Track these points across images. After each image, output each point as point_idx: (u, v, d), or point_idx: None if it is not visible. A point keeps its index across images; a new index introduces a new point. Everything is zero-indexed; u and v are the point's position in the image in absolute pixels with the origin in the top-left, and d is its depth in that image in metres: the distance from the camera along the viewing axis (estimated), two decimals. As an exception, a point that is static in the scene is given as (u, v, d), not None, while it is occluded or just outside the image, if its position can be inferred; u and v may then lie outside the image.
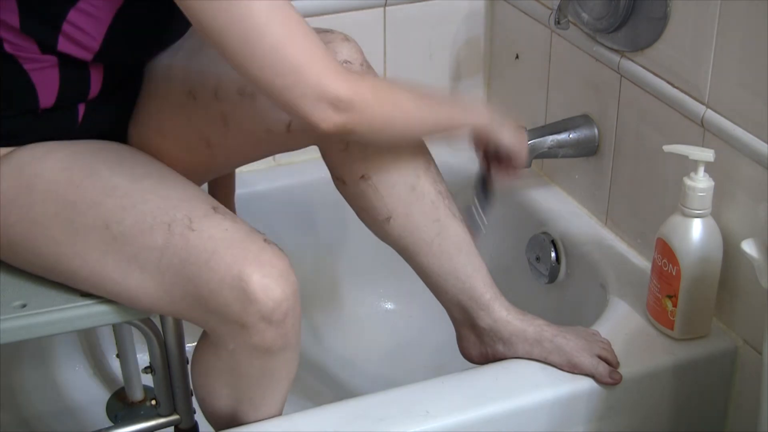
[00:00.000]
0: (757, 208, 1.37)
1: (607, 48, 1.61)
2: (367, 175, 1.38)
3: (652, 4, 1.50)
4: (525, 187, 1.83)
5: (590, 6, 1.60)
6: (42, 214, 1.27)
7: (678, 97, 1.48)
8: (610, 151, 1.67)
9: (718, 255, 1.42)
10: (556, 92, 1.79)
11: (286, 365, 1.30)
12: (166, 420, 1.44)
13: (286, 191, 1.88)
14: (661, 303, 1.45)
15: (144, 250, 1.24)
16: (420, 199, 1.40)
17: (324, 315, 1.94)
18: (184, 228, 1.24)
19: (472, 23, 1.93)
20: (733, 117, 1.39)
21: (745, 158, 1.38)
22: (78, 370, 1.83)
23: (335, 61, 1.20)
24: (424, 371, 1.79)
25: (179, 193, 1.28)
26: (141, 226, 1.24)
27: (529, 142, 1.69)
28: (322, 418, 1.34)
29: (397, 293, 1.97)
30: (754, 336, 1.43)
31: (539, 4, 1.77)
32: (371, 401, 1.37)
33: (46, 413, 1.77)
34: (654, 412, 1.46)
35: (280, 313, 1.23)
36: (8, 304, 1.29)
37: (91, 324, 1.35)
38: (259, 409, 1.33)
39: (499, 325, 1.42)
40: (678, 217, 1.41)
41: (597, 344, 1.42)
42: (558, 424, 1.40)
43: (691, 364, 1.45)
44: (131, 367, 1.66)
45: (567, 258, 1.71)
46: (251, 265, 1.21)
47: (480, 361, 1.46)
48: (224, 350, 1.27)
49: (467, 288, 1.42)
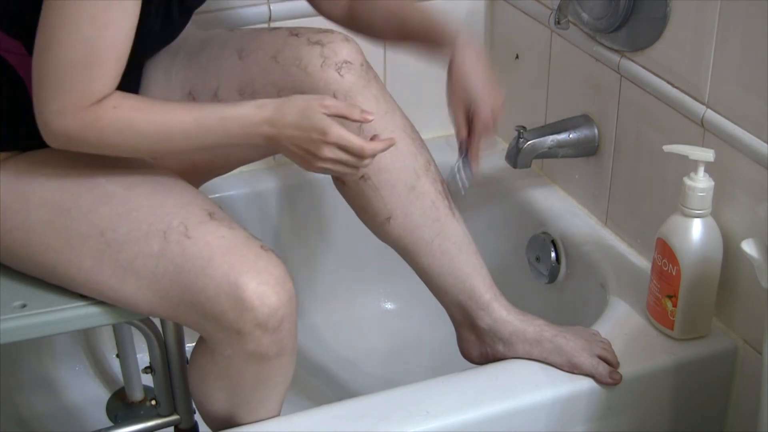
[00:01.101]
0: (757, 208, 1.37)
1: (607, 48, 1.61)
2: (367, 175, 1.38)
3: (652, 4, 1.50)
4: (525, 187, 1.83)
5: (590, 6, 1.60)
6: (37, 221, 1.27)
7: (678, 97, 1.48)
8: (610, 151, 1.67)
9: (718, 255, 1.42)
10: (556, 92, 1.79)
11: (282, 370, 1.30)
12: (166, 420, 1.44)
13: (286, 191, 1.88)
14: (661, 303, 1.45)
15: (139, 258, 1.24)
16: (420, 198, 1.40)
17: (324, 315, 1.94)
18: (180, 235, 1.24)
19: (472, 23, 1.92)
20: (733, 117, 1.39)
21: (745, 158, 1.38)
22: (78, 370, 1.83)
23: (93, 98, 1.18)
24: (424, 371, 1.79)
25: (175, 199, 1.28)
26: (136, 234, 1.25)
27: (528, 142, 1.69)
28: (322, 418, 1.34)
29: (397, 293, 1.97)
30: (754, 336, 1.42)
31: (539, 4, 1.77)
32: (371, 401, 1.37)
33: (46, 413, 1.77)
34: (654, 412, 1.46)
35: (275, 320, 1.23)
36: (8, 304, 1.29)
37: (91, 324, 1.35)
38: (256, 412, 1.33)
39: (499, 325, 1.42)
40: (678, 217, 1.41)
41: (597, 344, 1.42)
42: (558, 424, 1.40)
43: (691, 364, 1.45)
44: (131, 367, 1.66)
45: (567, 258, 1.71)
46: (248, 272, 1.22)
47: (480, 362, 1.46)
48: (220, 356, 1.28)
49: (467, 288, 1.42)
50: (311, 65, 1.34)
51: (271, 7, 1.78)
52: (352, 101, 1.35)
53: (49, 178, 1.29)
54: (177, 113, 1.22)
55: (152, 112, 1.21)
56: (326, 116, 1.21)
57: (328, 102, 1.22)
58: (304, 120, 1.21)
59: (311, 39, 1.36)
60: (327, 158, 1.22)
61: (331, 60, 1.34)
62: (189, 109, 1.23)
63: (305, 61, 1.34)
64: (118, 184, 1.29)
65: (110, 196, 1.27)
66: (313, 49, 1.35)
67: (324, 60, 1.34)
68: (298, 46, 1.36)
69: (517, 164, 1.70)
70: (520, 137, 1.69)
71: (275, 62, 1.36)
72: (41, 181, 1.29)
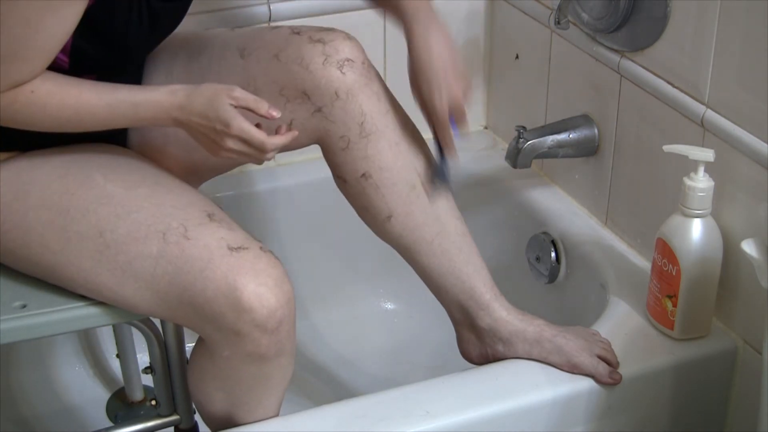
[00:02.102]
0: (757, 208, 1.37)
1: (607, 48, 1.61)
2: (368, 173, 1.38)
3: (652, 4, 1.50)
4: (525, 187, 1.83)
5: (590, 6, 1.60)
6: (36, 222, 1.27)
7: (678, 97, 1.48)
8: (610, 151, 1.67)
9: (718, 255, 1.42)
10: (556, 92, 1.79)
11: (280, 371, 1.30)
12: (166, 420, 1.44)
13: (286, 191, 1.88)
14: (661, 303, 1.45)
15: (138, 259, 1.25)
16: (421, 197, 1.40)
17: (324, 315, 1.94)
18: (179, 236, 1.24)
19: (472, 23, 1.93)
20: (733, 117, 1.39)
21: (745, 158, 1.38)
22: (78, 370, 1.83)
23: (14, 85, 1.20)
24: (424, 371, 1.79)
25: (174, 200, 1.28)
26: (135, 235, 1.25)
27: (528, 142, 1.69)
28: (321, 418, 1.34)
29: (397, 293, 1.97)
30: (754, 336, 1.42)
31: (539, 4, 1.77)
32: (371, 401, 1.37)
33: (46, 413, 1.77)
34: (654, 412, 1.46)
35: (274, 321, 1.23)
36: (8, 304, 1.29)
37: (91, 324, 1.35)
38: (255, 413, 1.33)
39: (499, 325, 1.42)
40: (678, 217, 1.41)
41: (597, 344, 1.42)
42: (558, 424, 1.40)
43: (691, 364, 1.45)
44: (131, 367, 1.66)
45: (567, 258, 1.71)
46: (246, 274, 1.22)
47: (480, 362, 1.46)
48: (219, 356, 1.28)
49: (467, 288, 1.42)
50: (313, 63, 1.34)
51: (271, 7, 1.78)
52: (353, 99, 1.35)
53: (48, 178, 1.29)
54: (90, 98, 1.25)
55: (67, 96, 1.24)
56: (232, 107, 1.23)
57: (237, 93, 1.23)
58: (210, 110, 1.23)
59: (313, 37, 1.36)
60: (230, 149, 1.25)
61: (332, 58, 1.34)
62: (103, 94, 1.25)
63: (307, 60, 1.34)
64: (118, 184, 1.29)
65: (109, 197, 1.27)
66: (315, 47, 1.35)
67: (326, 58, 1.34)
68: (299, 44, 1.36)
69: (517, 164, 1.70)
70: (520, 137, 1.69)
71: (277, 61, 1.36)
72: (40, 182, 1.29)
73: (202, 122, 1.24)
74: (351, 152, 1.37)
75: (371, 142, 1.36)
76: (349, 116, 1.36)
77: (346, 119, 1.36)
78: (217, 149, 1.26)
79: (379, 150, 1.37)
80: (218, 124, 1.23)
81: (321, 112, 1.36)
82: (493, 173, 1.87)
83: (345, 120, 1.36)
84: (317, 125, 1.37)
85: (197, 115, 1.24)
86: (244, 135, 1.23)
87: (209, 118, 1.23)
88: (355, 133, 1.36)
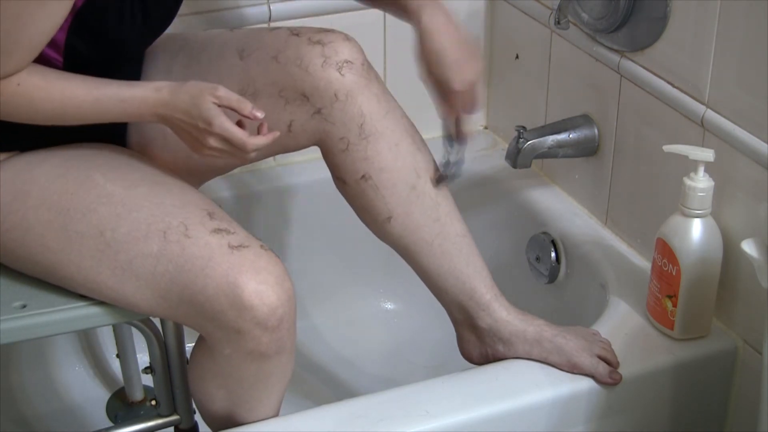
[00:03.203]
0: (757, 208, 1.37)
1: (607, 48, 1.61)
2: (367, 174, 1.38)
3: (652, 4, 1.50)
4: (525, 187, 1.83)
5: (590, 6, 1.60)
6: (36, 221, 1.27)
7: (678, 97, 1.48)
8: (610, 151, 1.67)
9: (718, 255, 1.42)
10: (556, 92, 1.79)
11: (281, 369, 1.30)
12: (166, 420, 1.44)
13: (286, 191, 1.88)
14: (661, 303, 1.45)
15: (139, 258, 1.25)
16: (420, 198, 1.40)
17: (324, 315, 1.94)
18: (180, 235, 1.24)
19: (472, 23, 1.92)
20: (733, 117, 1.39)
21: (745, 158, 1.38)
22: (78, 370, 1.83)
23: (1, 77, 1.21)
24: (424, 371, 1.79)
25: (175, 199, 1.29)
26: (136, 234, 1.25)
27: (528, 142, 1.69)
28: (321, 418, 1.34)
29: (397, 293, 1.97)
30: (754, 336, 1.43)
31: (539, 4, 1.77)
32: (371, 401, 1.37)
33: (46, 413, 1.77)
34: (654, 412, 1.46)
35: (275, 319, 1.23)
36: (8, 304, 1.29)
37: (91, 324, 1.35)
38: (255, 411, 1.33)
39: (499, 325, 1.42)
40: (678, 217, 1.41)
41: (597, 344, 1.42)
42: (558, 424, 1.40)
43: (691, 364, 1.45)
44: (131, 367, 1.66)
45: (567, 258, 1.71)
46: (247, 272, 1.22)
47: (480, 362, 1.46)
48: (220, 355, 1.28)
49: (467, 288, 1.42)
50: (312, 65, 1.34)
51: (271, 7, 1.78)
52: (353, 100, 1.35)
53: (48, 178, 1.29)
54: (78, 92, 1.25)
55: (53, 90, 1.24)
56: (215, 106, 1.23)
57: (220, 92, 1.24)
58: (194, 108, 1.23)
59: (312, 38, 1.36)
60: (212, 147, 1.25)
61: (332, 59, 1.34)
62: (90, 89, 1.25)
63: (306, 61, 1.34)
64: (118, 184, 1.29)
65: (109, 196, 1.27)
66: (314, 48, 1.35)
67: (325, 59, 1.34)
68: (298, 45, 1.36)
69: (517, 164, 1.70)
70: (520, 137, 1.69)
71: (276, 62, 1.36)
72: (40, 181, 1.29)
73: (185, 119, 1.24)
74: (350, 154, 1.37)
75: (371, 144, 1.37)
76: (348, 118, 1.36)
77: (345, 121, 1.36)
78: (199, 147, 1.27)
79: (379, 151, 1.37)
80: (201, 122, 1.23)
81: (320, 114, 1.36)
82: (493, 173, 1.87)
83: (344, 121, 1.36)
84: (317, 127, 1.37)
85: (180, 113, 1.24)
86: (225, 134, 1.24)
87: (192, 116, 1.24)
88: (355, 134, 1.36)
